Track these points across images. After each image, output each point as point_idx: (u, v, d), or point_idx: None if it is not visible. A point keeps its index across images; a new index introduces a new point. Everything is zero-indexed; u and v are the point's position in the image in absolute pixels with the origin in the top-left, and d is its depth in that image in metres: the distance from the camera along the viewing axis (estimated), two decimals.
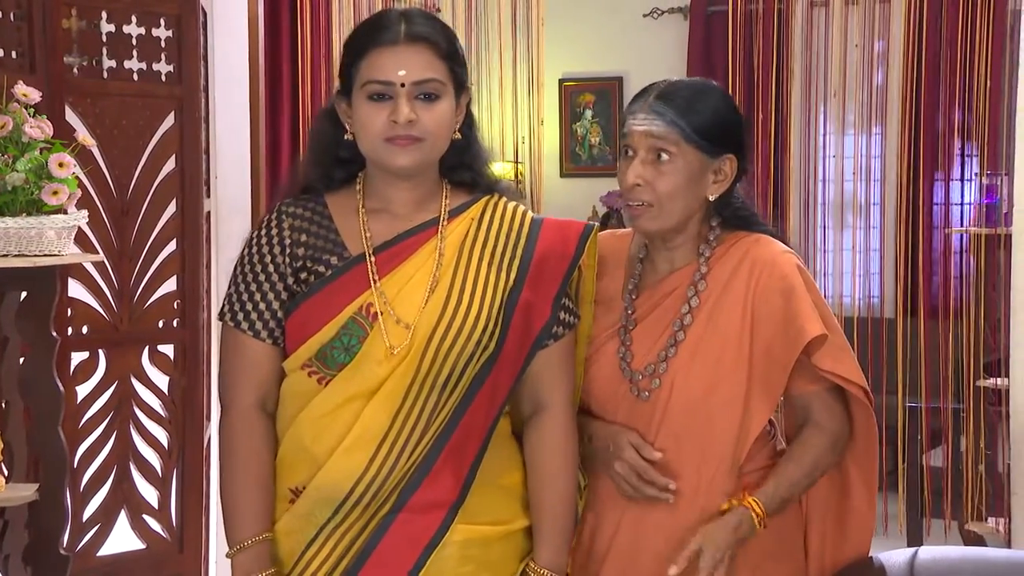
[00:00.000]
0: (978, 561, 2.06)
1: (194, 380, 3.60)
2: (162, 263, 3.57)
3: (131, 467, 3.51)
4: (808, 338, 1.96)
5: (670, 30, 6.56)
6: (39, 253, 2.72)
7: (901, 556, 2.06)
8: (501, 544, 1.93)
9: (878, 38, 5.71)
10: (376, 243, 1.87)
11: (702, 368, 2.00)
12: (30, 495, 2.71)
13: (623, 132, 2.06)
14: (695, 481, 2.00)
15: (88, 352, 3.42)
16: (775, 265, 2.01)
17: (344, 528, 1.85)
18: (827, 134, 5.97)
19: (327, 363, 1.85)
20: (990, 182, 4.08)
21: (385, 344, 1.83)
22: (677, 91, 2.03)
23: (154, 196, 3.55)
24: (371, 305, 1.84)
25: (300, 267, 1.87)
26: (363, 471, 1.83)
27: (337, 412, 1.85)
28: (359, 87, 1.84)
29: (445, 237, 1.90)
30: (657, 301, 2.07)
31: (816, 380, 2.02)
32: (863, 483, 2.09)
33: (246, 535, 1.86)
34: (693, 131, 1.99)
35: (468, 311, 1.86)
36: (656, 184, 2.00)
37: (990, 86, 4.87)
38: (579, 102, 6.77)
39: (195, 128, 3.61)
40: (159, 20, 3.56)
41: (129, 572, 3.51)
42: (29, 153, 2.73)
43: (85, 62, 3.42)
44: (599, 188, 6.57)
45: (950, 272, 5.27)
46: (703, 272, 2.04)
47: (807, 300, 1.98)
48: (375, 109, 1.83)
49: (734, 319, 2.00)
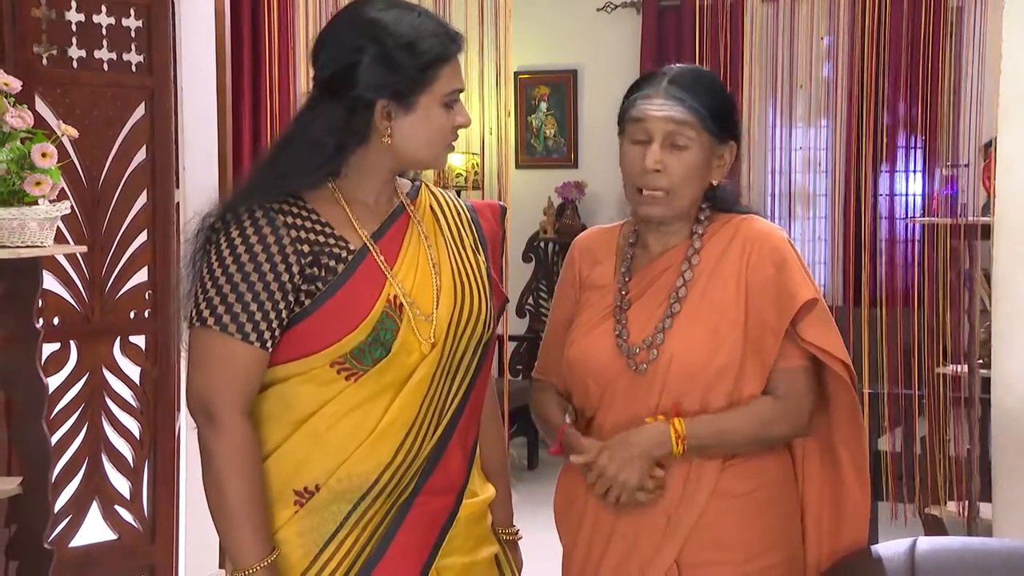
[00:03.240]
0: (979, 551, 2.06)
1: (165, 371, 3.60)
2: (133, 254, 3.56)
3: (103, 458, 3.50)
4: (801, 302, 1.99)
5: (623, 24, 6.66)
6: (21, 244, 2.70)
7: (901, 546, 2.06)
8: (484, 517, 2.01)
9: (826, 33, 5.83)
10: (369, 232, 1.87)
11: (698, 337, 2.03)
12: (13, 488, 2.69)
13: (632, 116, 2.05)
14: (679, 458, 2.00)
15: (60, 343, 3.40)
16: (767, 238, 2.05)
17: (368, 517, 1.84)
18: (776, 126, 6.08)
19: (362, 359, 1.82)
20: (950, 173, 4.19)
21: (415, 335, 1.84)
22: (687, 77, 2.05)
23: (125, 187, 3.54)
24: (396, 296, 1.84)
25: (309, 263, 1.81)
26: (391, 459, 1.83)
27: (366, 405, 1.83)
28: (435, 95, 1.84)
29: (420, 221, 1.94)
30: (652, 279, 2.10)
31: (791, 358, 2.03)
32: (853, 466, 2.11)
33: (256, 557, 1.79)
34: (711, 117, 2.02)
35: (473, 296, 1.91)
36: (673, 170, 2.03)
37: (933, 81, 4.99)
38: (534, 95, 6.83)
39: (166, 119, 3.61)
40: (129, 10, 3.55)
41: (101, 562, 3.50)
42: (11, 143, 2.71)
43: (55, 52, 3.40)
44: (554, 179, 6.65)
45: (897, 261, 5.39)
46: (696, 247, 2.08)
47: (798, 269, 2.02)
48: (449, 115, 1.87)
49: (728, 290, 2.04)
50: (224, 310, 1.79)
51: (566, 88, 6.85)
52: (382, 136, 1.85)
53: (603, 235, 2.22)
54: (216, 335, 1.79)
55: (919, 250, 4.52)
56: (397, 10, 1.86)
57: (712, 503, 2.02)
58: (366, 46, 1.82)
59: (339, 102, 1.83)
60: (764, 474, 2.07)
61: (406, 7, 1.88)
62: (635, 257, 2.14)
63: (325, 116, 1.84)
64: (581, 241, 2.25)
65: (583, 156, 6.89)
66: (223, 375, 1.80)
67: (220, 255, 1.81)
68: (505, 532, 2.07)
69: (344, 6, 1.97)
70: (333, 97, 1.84)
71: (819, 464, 2.13)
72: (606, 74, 6.68)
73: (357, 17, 1.86)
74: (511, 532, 2.09)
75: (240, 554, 1.80)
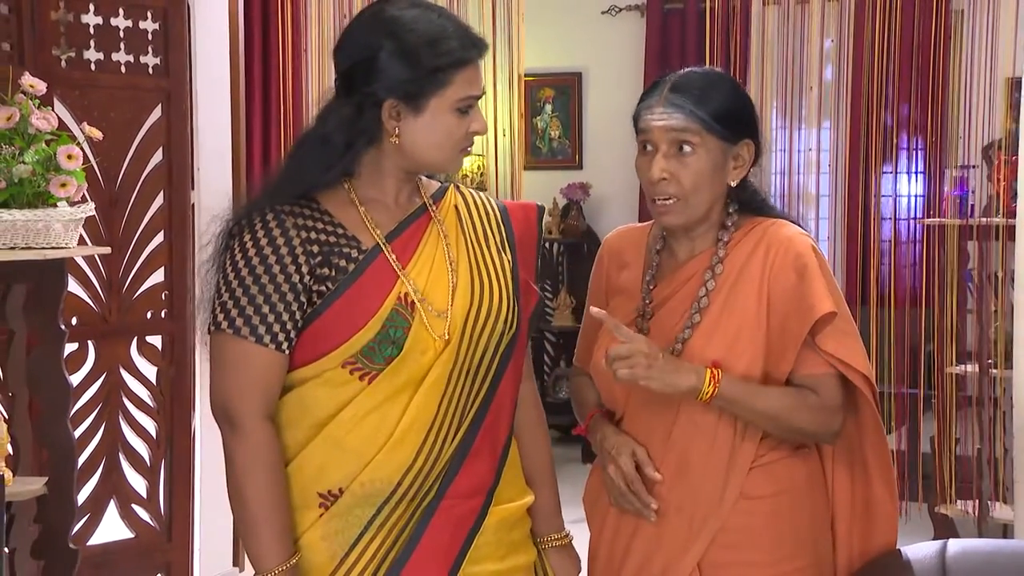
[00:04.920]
0: (1011, 554, 2.02)
1: (182, 370, 3.63)
2: (150, 255, 3.59)
3: (120, 457, 3.53)
4: (818, 315, 1.95)
5: (627, 27, 6.69)
6: (46, 245, 2.73)
7: (930, 548, 2.03)
8: (520, 523, 1.98)
9: (828, 36, 5.86)
10: (384, 232, 1.86)
11: (718, 349, 2.01)
12: (39, 489, 2.70)
13: (639, 128, 2.06)
14: (705, 462, 2.01)
15: (77, 344, 3.43)
16: (791, 244, 2.01)
17: (392, 521, 1.83)
18: (779, 128, 6.12)
19: (373, 358, 1.81)
20: (960, 174, 4.21)
21: (428, 332, 1.82)
22: (690, 81, 2.03)
23: (142, 188, 3.57)
24: (407, 294, 1.82)
25: (319, 263, 1.80)
26: (412, 462, 1.82)
27: (384, 406, 1.81)
28: (447, 99, 1.82)
29: (442, 221, 1.92)
30: (676, 288, 2.08)
31: (819, 365, 2.01)
32: (880, 471, 2.10)
33: (277, 560, 1.79)
34: (712, 119, 1.99)
35: (492, 293, 1.89)
36: (681, 177, 2.01)
37: (935, 84, 5.04)
38: (539, 97, 6.86)
39: (182, 120, 3.64)
40: (146, 13, 3.58)
41: (118, 561, 3.53)
42: (36, 145, 2.74)
43: (73, 54, 3.42)
44: (559, 181, 6.68)
45: (902, 261, 5.43)
46: (720, 256, 2.05)
47: (820, 279, 1.98)
48: (462, 120, 1.85)
49: (751, 299, 2.01)
50: (237, 314, 1.79)
51: (571, 90, 6.88)
52: (390, 136, 1.83)
53: (633, 235, 2.20)
54: (230, 339, 1.79)
55: (927, 250, 4.55)
56: (418, 10, 1.83)
57: (739, 505, 2.01)
58: (381, 43, 1.80)
59: (351, 99, 1.82)
60: (791, 478, 2.05)
61: (428, 7, 1.86)
62: (661, 263, 2.12)
63: (336, 112, 1.84)
64: (611, 242, 2.23)
65: (587, 158, 6.92)
66: (240, 379, 1.80)
67: (234, 260, 1.81)
68: (551, 538, 2.02)
69: (370, 3, 1.93)
70: (347, 94, 1.83)
71: (847, 470, 2.11)
72: (610, 76, 6.71)
73: (377, 14, 1.85)
74: (559, 537, 2.03)
75: (262, 557, 1.80)
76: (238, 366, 1.80)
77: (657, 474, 2.01)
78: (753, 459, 2.02)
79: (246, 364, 1.79)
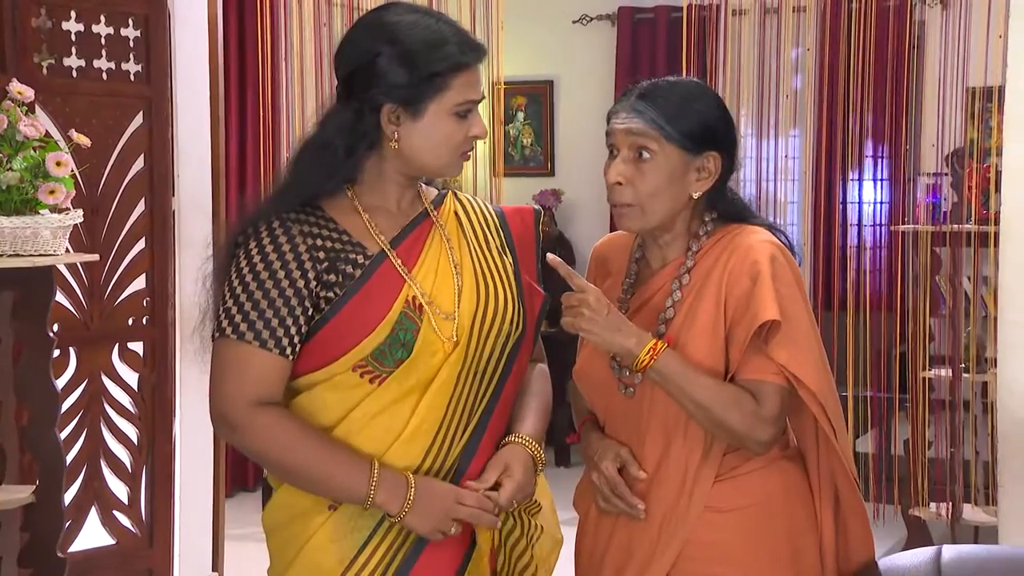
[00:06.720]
0: (1005, 560, 2.01)
1: (163, 377, 3.63)
2: (131, 261, 3.59)
3: (102, 463, 3.52)
4: (759, 321, 1.93)
5: (599, 36, 6.76)
6: (35, 253, 2.73)
7: (925, 555, 2.02)
8: None
9: (798, 45, 5.94)
10: (388, 238, 1.89)
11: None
12: (27, 497, 2.69)
13: (607, 131, 2.05)
14: (682, 472, 2.00)
15: (59, 350, 3.41)
16: (750, 251, 1.98)
17: None
18: (747, 136, 6.19)
19: (384, 361, 1.83)
20: (933, 181, 4.29)
21: (437, 334, 1.85)
22: (659, 90, 2.02)
23: (123, 195, 3.57)
24: (415, 297, 1.85)
25: (326, 269, 1.82)
26: (420, 461, 1.86)
27: (393, 407, 1.84)
28: (446, 103, 1.84)
29: (443, 225, 1.95)
30: (647, 297, 2.08)
31: (762, 371, 1.96)
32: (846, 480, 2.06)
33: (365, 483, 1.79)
34: (673, 129, 1.97)
35: (497, 295, 1.92)
36: (637, 183, 1.99)
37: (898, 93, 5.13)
38: (512, 104, 6.90)
39: (163, 128, 3.64)
40: (127, 20, 3.58)
41: (99, 567, 3.52)
42: (24, 152, 2.75)
43: (53, 61, 3.42)
44: (531, 188, 6.73)
45: (868, 267, 5.52)
46: (688, 266, 2.04)
47: (769, 285, 1.94)
48: (461, 125, 1.87)
49: (710, 308, 1.99)
50: (241, 319, 1.81)
51: (543, 98, 6.94)
52: (389, 141, 1.85)
53: (619, 243, 2.20)
54: (233, 344, 1.81)
55: (900, 256, 4.62)
56: (416, 15, 1.86)
57: (705, 517, 1.99)
58: (380, 48, 1.83)
59: (350, 104, 1.85)
60: (764, 490, 2.02)
61: (427, 13, 1.89)
62: (639, 272, 2.13)
63: (336, 118, 1.86)
64: (598, 249, 2.24)
65: (559, 165, 6.98)
66: (237, 381, 1.81)
67: (239, 268, 1.84)
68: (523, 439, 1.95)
69: (370, 10, 1.96)
70: (347, 99, 1.86)
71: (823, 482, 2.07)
72: (582, 85, 6.78)
73: (376, 19, 1.88)
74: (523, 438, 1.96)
75: (350, 488, 1.80)
76: (236, 369, 1.81)
77: (642, 472, 2.01)
78: (719, 471, 2.00)
79: (245, 366, 1.81)
